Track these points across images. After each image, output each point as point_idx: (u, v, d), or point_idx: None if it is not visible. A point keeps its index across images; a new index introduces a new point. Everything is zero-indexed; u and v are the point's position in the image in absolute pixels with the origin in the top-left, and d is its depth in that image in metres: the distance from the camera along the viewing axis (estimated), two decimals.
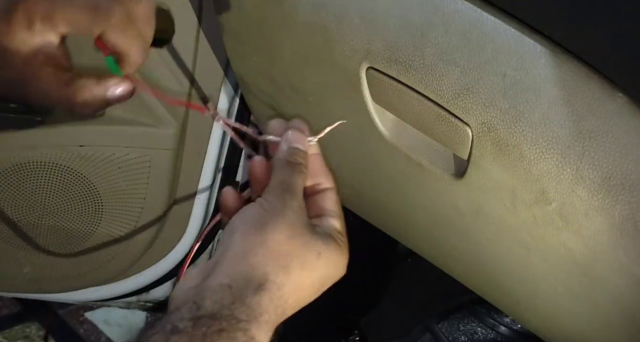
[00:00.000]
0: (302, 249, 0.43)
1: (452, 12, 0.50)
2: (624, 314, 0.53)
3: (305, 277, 0.43)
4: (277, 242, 0.42)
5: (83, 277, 1.12)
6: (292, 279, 0.42)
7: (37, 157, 0.97)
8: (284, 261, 0.42)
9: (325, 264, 0.44)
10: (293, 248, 0.43)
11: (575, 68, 0.46)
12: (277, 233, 0.43)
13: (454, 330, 1.01)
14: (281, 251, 0.42)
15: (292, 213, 0.44)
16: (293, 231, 0.43)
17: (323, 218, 0.47)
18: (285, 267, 0.42)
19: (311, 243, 0.44)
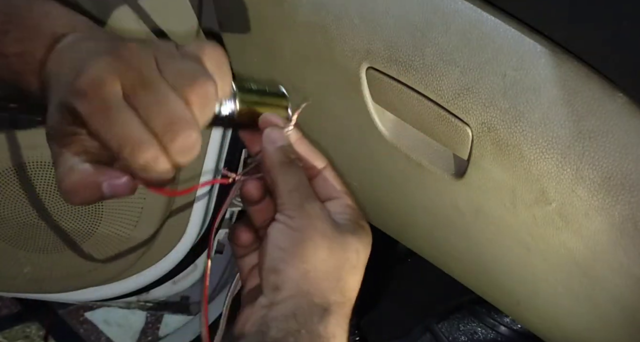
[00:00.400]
0: (345, 254, 0.43)
1: (452, 12, 0.50)
2: (624, 314, 0.53)
3: (355, 278, 0.44)
4: (323, 263, 0.42)
5: (83, 277, 1.12)
6: (349, 289, 0.43)
7: (37, 157, 0.97)
8: (336, 276, 0.42)
9: (364, 256, 0.44)
10: (338, 260, 0.42)
11: (575, 68, 0.46)
12: (319, 253, 0.42)
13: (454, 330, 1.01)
14: (330, 269, 0.42)
15: (320, 221, 0.43)
16: (330, 242, 0.42)
17: (335, 201, 0.46)
18: (339, 282, 0.42)
19: (347, 245, 0.43)
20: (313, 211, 0.43)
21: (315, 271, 0.41)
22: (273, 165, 0.45)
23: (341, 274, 0.42)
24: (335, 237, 0.42)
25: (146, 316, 1.60)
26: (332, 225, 0.43)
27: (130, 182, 0.40)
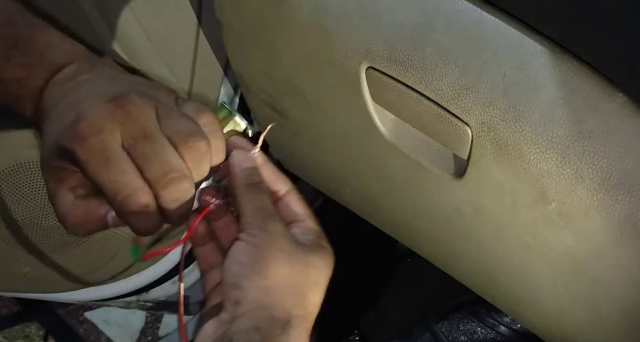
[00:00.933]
0: (306, 271, 0.43)
1: (452, 12, 0.50)
2: (624, 314, 0.53)
3: (317, 295, 0.44)
4: (284, 279, 0.42)
5: (83, 277, 1.12)
6: (310, 304, 0.43)
7: (37, 157, 0.97)
8: (298, 291, 0.42)
9: (326, 274, 0.45)
10: (299, 276, 0.43)
11: (575, 68, 0.46)
12: (280, 269, 0.42)
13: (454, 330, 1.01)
14: (291, 284, 0.42)
15: (283, 239, 0.43)
16: (291, 259, 0.43)
17: (298, 223, 0.47)
18: (302, 297, 0.42)
19: (310, 263, 0.44)
20: (275, 230, 0.43)
21: (276, 287, 0.42)
22: (239, 187, 0.46)
23: (303, 289, 0.43)
24: (297, 255, 0.43)
25: (146, 316, 1.60)
26: (294, 244, 0.44)
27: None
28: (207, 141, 0.43)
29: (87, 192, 0.43)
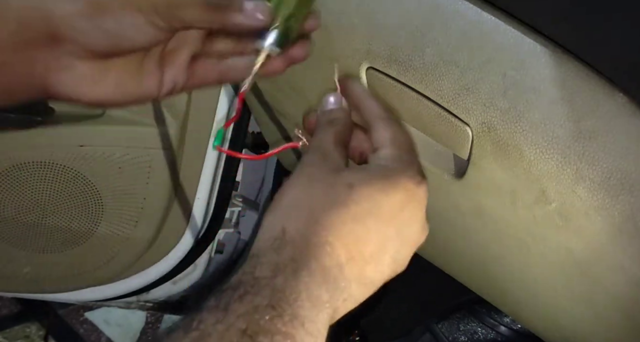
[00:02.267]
0: (328, 189, 0.39)
1: (452, 12, 0.50)
2: (624, 314, 0.53)
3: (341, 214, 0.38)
4: (292, 197, 0.40)
5: (83, 277, 1.12)
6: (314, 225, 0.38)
7: (37, 157, 0.97)
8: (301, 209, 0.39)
9: (366, 192, 0.39)
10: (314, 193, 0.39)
11: (575, 68, 0.46)
12: (292, 188, 0.40)
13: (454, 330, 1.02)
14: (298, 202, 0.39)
15: (309, 166, 0.41)
16: (310, 179, 0.40)
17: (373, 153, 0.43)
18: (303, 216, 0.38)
19: (337, 180, 0.40)
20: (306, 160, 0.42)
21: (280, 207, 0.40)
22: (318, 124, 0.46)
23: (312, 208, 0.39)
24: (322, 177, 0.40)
25: (146, 316, 1.60)
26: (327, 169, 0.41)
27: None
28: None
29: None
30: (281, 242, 0.38)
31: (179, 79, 0.47)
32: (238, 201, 1.22)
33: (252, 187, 1.26)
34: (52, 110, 0.96)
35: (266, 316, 0.35)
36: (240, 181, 1.21)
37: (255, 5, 0.43)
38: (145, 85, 0.45)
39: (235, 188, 1.19)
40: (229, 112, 1.01)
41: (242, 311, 0.35)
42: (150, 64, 0.45)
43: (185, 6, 0.42)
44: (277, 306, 0.35)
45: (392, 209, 0.40)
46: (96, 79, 0.43)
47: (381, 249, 0.40)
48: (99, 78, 0.43)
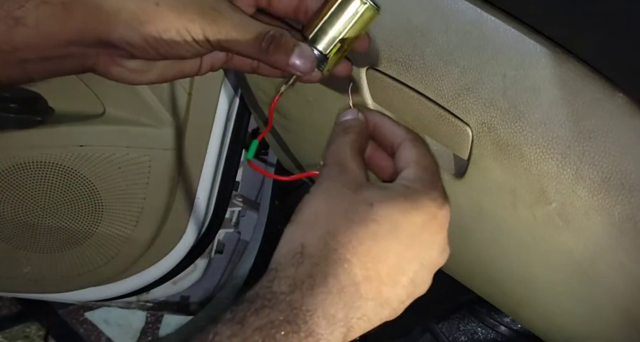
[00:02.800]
0: (348, 206, 0.39)
1: (452, 12, 0.50)
2: (624, 314, 0.53)
3: (359, 232, 0.38)
4: (312, 212, 0.39)
5: (83, 277, 1.12)
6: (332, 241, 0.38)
7: (37, 157, 0.97)
8: (321, 225, 0.39)
9: (387, 212, 0.39)
10: (334, 209, 0.39)
11: (575, 68, 0.46)
12: (312, 202, 0.40)
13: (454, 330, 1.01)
14: (318, 218, 0.39)
15: (328, 180, 0.41)
16: (330, 194, 0.40)
17: (404, 171, 0.43)
18: (322, 233, 0.38)
19: (358, 197, 0.39)
20: (325, 173, 0.42)
21: (299, 222, 0.40)
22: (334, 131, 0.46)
23: (330, 224, 0.39)
24: (341, 192, 0.40)
25: (146, 316, 1.60)
26: (346, 182, 0.40)
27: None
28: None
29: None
30: (300, 257, 0.38)
31: (217, 62, 0.50)
32: (238, 200, 1.22)
33: (252, 187, 1.26)
34: (52, 110, 0.96)
35: (282, 331, 0.35)
36: (240, 181, 1.21)
37: (300, 54, 0.45)
38: (185, 71, 0.49)
39: (235, 188, 1.19)
40: (229, 112, 1.01)
41: (258, 325, 0.35)
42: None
43: (236, 42, 0.44)
44: (293, 322, 0.36)
45: (412, 231, 0.39)
46: (142, 72, 0.47)
47: (399, 270, 0.39)
48: (144, 71, 0.47)
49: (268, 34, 0.44)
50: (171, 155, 1.00)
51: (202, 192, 1.07)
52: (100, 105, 0.99)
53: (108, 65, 0.46)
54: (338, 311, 0.37)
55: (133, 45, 0.43)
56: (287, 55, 0.44)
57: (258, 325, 0.35)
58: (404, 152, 0.44)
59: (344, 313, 0.37)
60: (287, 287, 0.37)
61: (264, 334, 0.35)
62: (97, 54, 0.45)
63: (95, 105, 0.98)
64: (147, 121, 0.97)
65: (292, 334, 0.35)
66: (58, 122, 0.96)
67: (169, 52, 0.44)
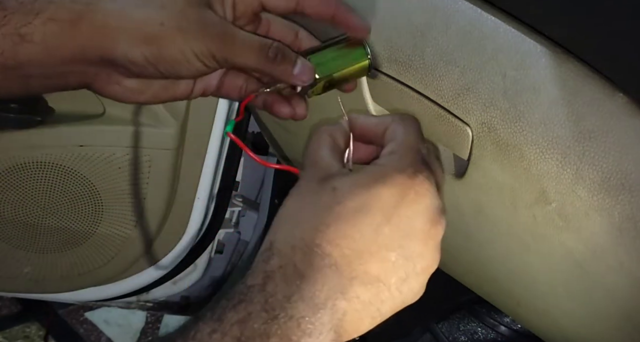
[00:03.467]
0: (313, 196, 0.39)
1: (452, 12, 0.50)
2: (624, 315, 0.53)
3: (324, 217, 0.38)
4: (284, 212, 0.40)
5: (83, 277, 1.12)
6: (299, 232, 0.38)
7: (37, 157, 0.97)
8: (289, 220, 0.39)
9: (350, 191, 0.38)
10: (301, 203, 0.40)
11: (575, 68, 0.46)
12: (285, 203, 0.40)
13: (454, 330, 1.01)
14: (285, 214, 0.40)
15: (301, 179, 0.41)
16: (300, 191, 0.40)
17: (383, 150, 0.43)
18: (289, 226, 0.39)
19: (323, 186, 0.39)
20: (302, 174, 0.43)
21: (276, 220, 0.40)
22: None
23: (294, 216, 0.39)
24: (311, 187, 0.40)
25: (146, 316, 1.60)
26: (318, 177, 0.41)
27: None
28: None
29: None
30: (269, 253, 0.39)
31: (209, 88, 0.52)
32: (238, 201, 1.22)
33: (252, 187, 1.26)
34: (52, 110, 0.96)
35: (260, 321, 0.35)
36: (240, 181, 1.21)
37: (302, 66, 0.47)
38: (178, 93, 0.50)
39: (235, 188, 1.19)
40: (228, 112, 1.01)
41: (236, 319, 0.36)
42: (186, 80, 0.50)
43: (242, 55, 0.45)
44: (270, 310, 0.36)
45: (383, 205, 0.39)
46: (137, 91, 0.48)
47: (382, 246, 0.38)
48: (140, 91, 0.48)
49: (273, 45, 0.45)
50: (171, 155, 1.00)
51: (202, 192, 1.07)
52: (100, 105, 0.99)
53: (105, 84, 0.47)
54: (316, 293, 0.37)
55: (135, 63, 0.44)
56: (292, 66, 0.46)
57: (237, 319, 0.35)
58: (386, 134, 0.44)
59: (325, 294, 0.37)
60: (260, 280, 0.37)
61: (242, 327, 0.35)
62: (97, 71, 0.46)
63: (95, 105, 0.98)
64: (147, 121, 0.97)
65: (270, 321, 0.35)
66: (58, 122, 0.96)
67: (169, 71, 0.45)
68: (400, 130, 0.43)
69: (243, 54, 0.45)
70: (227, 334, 0.35)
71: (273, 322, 0.35)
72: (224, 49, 0.44)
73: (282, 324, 0.36)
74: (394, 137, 0.43)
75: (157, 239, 1.10)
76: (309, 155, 0.43)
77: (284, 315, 0.36)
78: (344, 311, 0.37)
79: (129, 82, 0.47)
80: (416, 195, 0.39)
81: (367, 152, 0.46)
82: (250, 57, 0.45)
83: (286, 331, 0.35)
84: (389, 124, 0.44)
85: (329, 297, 0.37)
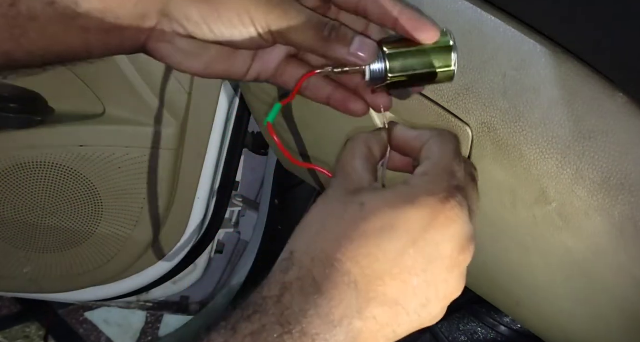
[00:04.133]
0: (339, 209, 0.38)
1: (452, 12, 0.50)
2: (624, 314, 0.53)
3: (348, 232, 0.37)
4: (308, 221, 0.39)
5: (83, 277, 1.12)
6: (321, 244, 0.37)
7: (37, 157, 0.97)
8: (312, 230, 0.38)
9: (378, 209, 0.37)
10: (326, 214, 0.38)
11: (575, 68, 0.46)
12: (310, 212, 0.39)
13: (454, 330, 1.01)
14: (309, 222, 0.39)
15: (329, 189, 0.40)
16: (326, 202, 0.39)
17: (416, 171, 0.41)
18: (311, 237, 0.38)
19: (351, 200, 0.38)
20: (329, 187, 0.41)
21: (298, 231, 0.39)
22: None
23: (318, 227, 0.38)
24: (337, 199, 0.39)
25: (146, 316, 1.60)
26: (344, 191, 0.40)
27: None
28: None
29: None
30: (288, 263, 0.37)
31: (265, 73, 0.48)
32: (238, 201, 1.22)
33: (252, 187, 1.26)
34: (52, 110, 0.96)
35: (274, 334, 0.35)
36: (240, 181, 1.21)
37: (360, 43, 0.43)
38: (232, 70, 0.47)
39: (235, 188, 1.19)
40: (229, 112, 1.01)
41: (250, 331, 0.35)
42: (244, 53, 0.46)
43: (297, 30, 0.43)
44: (286, 323, 0.35)
45: (410, 228, 0.37)
46: (191, 56, 0.45)
47: (403, 269, 0.37)
48: (193, 55, 0.45)
49: (329, 24, 0.43)
50: (171, 155, 1.00)
51: (202, 192, 1.07)
52: (100, 105, 0.99)
53: (159, 41, 0.44)
54: (333, 310, 0.36)
55: (190, 20, 0.42)
56: (347, 45, 0.43)
57: (250, 330, 0.35)
58: (422, 151, 0.42)
59: (341, 312, 0.36)
60: (277, 291, 0.36)
61: (255, 339, 0.34)
62: (152, 27, 0.44)
63: (95, 105, 0.98)
64: (147, 121, 0.97)
65: (285, 335, 0.35)
66: (58, 122, 0.96)
67: (223, 34, 0.42)
68: (437, 149, 0.41)
69: (299, 30, 0.42)
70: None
71: (288, 337, 0.35)
72: (281, 22, 0.42)
73: (296, 339, 0.35)
74: (430, 155, 0.41)
75: (157, 239, 1.10)
76: (342, 163, 0.42)
77: (299, 330, 0.35)
78: (360, 330, 0.37)
79: (184, 43, 0.44)
80: (446, 220, 0.38)
81: (403, 163, 0.45)
82: (306, 34, 0.42)
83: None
84: (427, 140, 0.42)
85: (346, 316, 0.36)
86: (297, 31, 0.42)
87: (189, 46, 0.45)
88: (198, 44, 0.45)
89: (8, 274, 1.10)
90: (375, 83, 0.45)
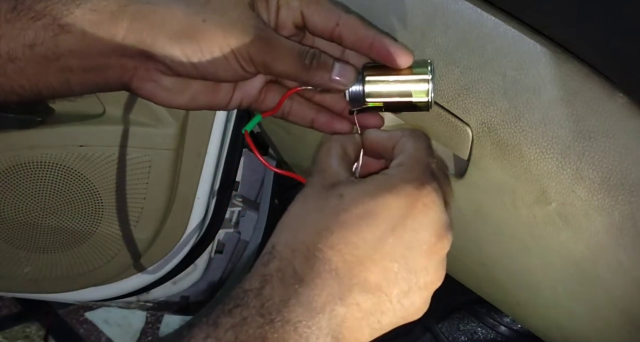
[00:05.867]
0: (319, 202, 0.39)
1: (452, 12, 0.50)
2: (624, 314, 0.53)
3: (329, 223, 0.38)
4: (288, 216, 0.40)
5: (83, 277, 1.12)
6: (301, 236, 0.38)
7: (37, 157, 0.97)
8: (292, 225, 0.39)
9: (357, 199, 0.38)
10: (306, 209, 0.39)
11: (575, 68, 0.46)
12: (289, 209, 0.40)
13: (454, 330, 1.01)
14: (289, 218, 0.40)
15: (307, 186, 0.41)
16: (305, 197, 0.40)
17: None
18: (292, 231, 0.39)
19: (330, 193, 0.39)
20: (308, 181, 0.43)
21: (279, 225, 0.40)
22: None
23: (300, 222, 0.39)
24: (317, 193, 0.40)
25: (146, 316, 1.60)
26: (325, 185, 0.41)
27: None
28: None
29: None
30: (269, 256, 0.38)
31: (247, 100, 0.50)
32: (238, 201, 1.22)
33: (252, 187, 1.26)
34: (52, 110, 0.96)
35: (255, 325, 0.35)
36: (240, 181, 1.21)
37: (341, 69, 0.45)
38: (216, 101, 0.48)
39: (235, 188, 1.19)
40: (229, 112, 1.01)
41: (231, 324, 0.35)
42: (226, 84, 0.48)
43: (279, 61, 0.44)
44: (267, 314, 0.36)
45: (389, 215, 0.38)
46: (174, 92, 0.47)
47: (385, 255, 0.38)
48: (177, 91, 0.47)
49: (309, 52, 0.44)
50: (171, 155, 1.00)
51: (202, 192, 1.07)
52: (100, 105, 0.99)
53: (143, 80, 0.46)
54: (315, 297, 0.36)
55: (173, 58, 0.43)
56: (329, 72, 0.45)
57: (232, 324, 0.35)
58: (395, 148, 0.44)
59: (323, 299, 0.37)
60: (257, 284, 0.37)
61: (237, 332, 0.35)
62: (135, 67, 0.45)
63: (95, 105, 0.98)
64: (147, 121, 0.97)
65: (266, 325, 0.35)
66: (58, 122, 0.96)
67: (207, 70, 0.44)
68: (409, 144, 0.43)
69: (281, 60, 0.44)
70: (221, 339, 0.35)
71: (269, 327, 0.35)
72: (263, 53, 0.43)
73: (278, 328, 0.35)
74: (403, 150, 0.43)
75: (157, 239, 1.10)
76: (318, 162, 0.43)
77: (280, 319, 0.35)
78: (343, 317, 0.37)
79: (167, 81, 0.46)
80: (424, 207, 0.39)
81: (377, 166, 0.46)
82: (288, 63, 0.44)
83: (283, 335, 0.35)
84: (399, 138, 0.44)
85: (328, 302, 0.37)
86: (279, 61, 0.44)
87: (172, 84, 0.46)
88: (182, 81, 0.46)
89: (8, 274, 1.10)
90: (354, 105, 0.47)
